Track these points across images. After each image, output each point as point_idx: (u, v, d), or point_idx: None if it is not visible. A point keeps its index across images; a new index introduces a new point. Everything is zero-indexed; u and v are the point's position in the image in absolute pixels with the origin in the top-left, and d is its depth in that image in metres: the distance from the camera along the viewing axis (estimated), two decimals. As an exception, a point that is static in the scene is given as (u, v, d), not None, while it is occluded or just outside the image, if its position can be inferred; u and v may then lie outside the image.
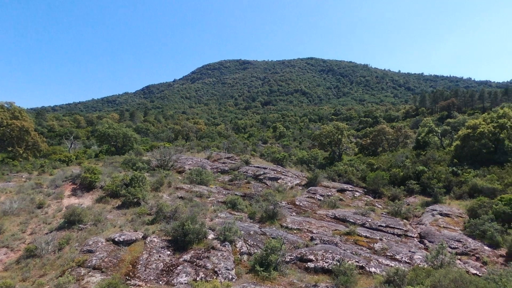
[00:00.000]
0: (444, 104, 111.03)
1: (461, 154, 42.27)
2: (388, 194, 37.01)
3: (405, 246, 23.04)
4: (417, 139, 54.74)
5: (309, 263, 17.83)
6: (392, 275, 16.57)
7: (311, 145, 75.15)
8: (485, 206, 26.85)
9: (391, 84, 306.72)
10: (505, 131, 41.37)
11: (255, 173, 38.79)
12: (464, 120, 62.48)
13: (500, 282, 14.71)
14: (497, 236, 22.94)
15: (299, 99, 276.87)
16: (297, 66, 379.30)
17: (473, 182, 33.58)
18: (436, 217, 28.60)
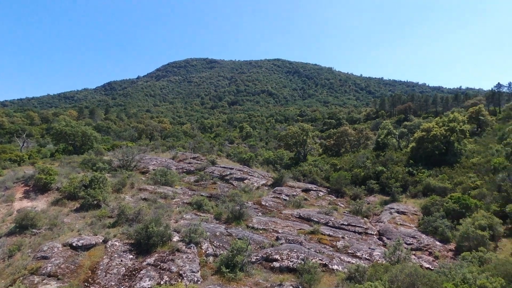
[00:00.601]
0: (401, 107, 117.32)
1: (416, 155, 44.96)
2: (350, 194, 38.47)
3: (366, 243, 24.11)
4: (377, 140, 57.42)
5: (274, 262, 18.08)
6: (353, 271, 17.30)
7: (277, 146, 76.10)
8: (437, 204, 28.78)
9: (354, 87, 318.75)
10: (454, 134, 44.62)
11: (221, 174, 38.61)
12: (419, 123, 66.44)
13: (450, 274, 15.89)
14: (447, 232, 24.70)
15: (266, 100, 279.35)
16: (264, 67, 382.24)
17: (426, 182, 35.83)
18: (393, 215, 30.21)
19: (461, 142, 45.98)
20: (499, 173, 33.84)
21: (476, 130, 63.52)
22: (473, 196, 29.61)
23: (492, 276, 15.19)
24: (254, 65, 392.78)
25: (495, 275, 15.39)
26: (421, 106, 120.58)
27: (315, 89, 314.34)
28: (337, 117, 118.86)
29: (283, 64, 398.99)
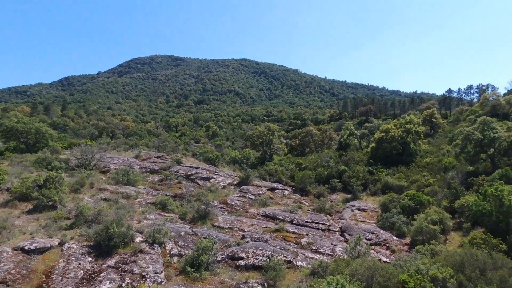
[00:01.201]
0: (363, 109, 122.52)
1: (376, 155, 47.21)
2: (314, 192, 39.51)
3: (328, 239, 24.90)
4: (340, 141, 59.54)
5: (240, 261, 18.12)
6: (316, 267, 17.82)
7: (243, 145, 76.34)
8: (394, 201, 30.42)
9: (318, 89, 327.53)
10: (410, 135, 47.42)
11: (187, 173, 37.99)
12: (379, 124, 69.78)
13: (405, 266, 16.86)
14: (403, 227, 26.19)
15: (233, 99, 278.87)
16: (231, 67, 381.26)
17: (385, 180, 37.75)
18: (354, 212, 31.49)
19: (416, 143, 48.97)
20: (449, 172, 36.53)
21: (429, 131, 67.92)
22: (426, 193, 31.62)
23: (442, 267, 16.34)
24: (221, 64, 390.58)
25: (445, 265, 16.56)
26: (380, 108, 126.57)
27: (281, 90, 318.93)
28: (302, 118, 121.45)
29: (250, 64, 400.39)
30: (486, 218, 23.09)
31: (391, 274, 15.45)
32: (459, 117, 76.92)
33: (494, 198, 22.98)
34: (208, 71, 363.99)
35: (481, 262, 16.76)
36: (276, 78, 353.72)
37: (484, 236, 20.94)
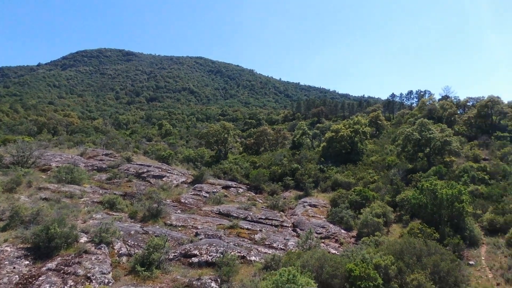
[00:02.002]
0: (315, 111, 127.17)
1: (326, 154, 49.29)
2: (268, 190, 40.18)
3: (281, 235, 25.50)
4: (293, 140, 61.20)
5: (193, 258, 17.85)
6: (269, 261, 18.16)
7: (198, 144, 75.12)
8: (343, 197, 32.06)
9: (273, 90, 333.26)
10: (358, 136, 50.25)
11: (137, 171, 36.48)
12: (329, 125, 73.01)
13: (352, 256, 17.88)
14: (351, 220, 27.70)
15: (187, 98, 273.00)
16: (186, 64, 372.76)
17: (335, 178, 39.57)
18: (306, 208, 32.61)
19: (363, 142, 52.03)
20: (392, 169, 39.37)
21: (375, 132, 72.55)
22: (372, 189, 33.77)
23: (384, 255, 17.59)
24: (176, 61, 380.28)
25: (387, 254, 17.85)
26: (331, 110, 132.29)
27: (237, 90, 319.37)
28: (257, 118, 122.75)
29: (205, 63, 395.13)
30: (422, 210, 25.30)
31: (339, 263, 16.28)
32: (400, 119, 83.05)
33: (429, 192, 25.27)
34: (162, 67, 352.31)
35: (417, 250, 18.33)
36: (232, 77, 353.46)
37: (420, 227, 22.93)
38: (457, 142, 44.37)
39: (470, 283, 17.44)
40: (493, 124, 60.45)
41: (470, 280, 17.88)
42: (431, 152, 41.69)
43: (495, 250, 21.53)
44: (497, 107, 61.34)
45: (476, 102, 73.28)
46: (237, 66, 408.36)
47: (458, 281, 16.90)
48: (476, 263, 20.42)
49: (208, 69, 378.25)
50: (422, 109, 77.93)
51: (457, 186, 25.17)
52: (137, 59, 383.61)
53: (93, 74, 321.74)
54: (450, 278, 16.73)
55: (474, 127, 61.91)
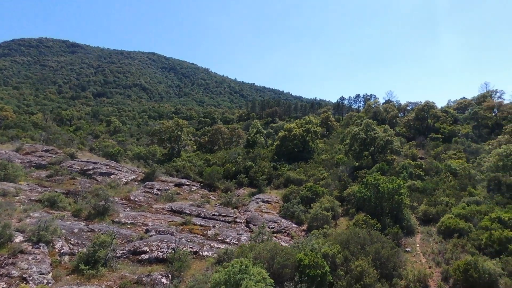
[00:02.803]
0: (269, 111, 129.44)
1: (280, 152, 50.47)
2: (222, 187, 40.12)
3: (234, 230, 25.61)
4: (248, 139, 61.73)
5: (143, 255, 17.27)
6: (222, 255, 18.19)
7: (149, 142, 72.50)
8: (294, 193, 33.10)
9: (228, 90, 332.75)
10: (310, 135, 52.15)
11: (82, 168, 34.27)
12: (283, 125, 74.79)
13: (301, 247, 18.56)
14: (302, 215, 28.69)
15: (139, 94, 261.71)
16: (137, 59, 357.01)
17: (287, 175, 40.66)
18: (259, 204, 33.11)
19: (314, 141, 54.12)
20: (340, 167, 41.47)
21: (325, 133, 75.82)
22: (322, 185, 35.25)
23: (332, 245, 18.55)
24: (126, 56, 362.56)
25: (334, 244, 18.85)
26: (285, 111, 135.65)
27: (191, 88, 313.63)
28: (212, 117, 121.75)
29: (158, 59, 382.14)
30: (367, 203, 27.05)
31: (289, 254, 16.84)
32: (349, 121, 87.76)
33: (373, 186, 27.09)
34: (111, 62, 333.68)
35: (362, 239, 19.58)
36: (186, 75, 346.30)
37: (364, 218, 24.50)
38: (397, 142, 48.11)
39: (407, 267, 19.03)
40: (429, 126, 66.40)
41: (407, 264, 19.51)
42: (375, 151, 44.69)
43: (428, 237, 23.73)
44: (432, 111, 67.53)
45: (415, 106, 79.99)
46: (192, 64, 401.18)
47: (396, 266, 18.38)
48: (412, 249, 22.34)
49: (161, 66, 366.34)
50: (368, 112, 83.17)
51: (397, 181, 27.26)
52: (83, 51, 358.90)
53: (31, 65, 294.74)
54: (389, 264, 18.13)
55: (412, 128, 67.53)
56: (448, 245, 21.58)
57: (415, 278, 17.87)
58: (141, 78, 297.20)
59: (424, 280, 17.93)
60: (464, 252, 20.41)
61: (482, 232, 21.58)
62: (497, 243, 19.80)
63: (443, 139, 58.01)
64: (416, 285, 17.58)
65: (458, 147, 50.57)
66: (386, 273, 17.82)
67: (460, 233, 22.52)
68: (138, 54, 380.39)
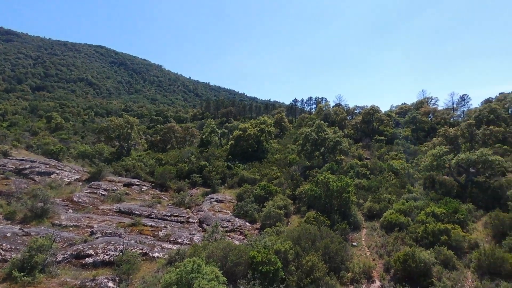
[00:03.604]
0: (224, 111, 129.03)
1: (234, 152, 50.47)
2: (174, 187, 39.06)
3: (187, 230, 25.09)
4: (202, 138, 60.86)
5: (87, 258, 16.20)
6: (174, 256, 17.72)
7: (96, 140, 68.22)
8: (248, 192, 33.32)
9: (182, 88, 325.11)
10: (264, 135, 52.86)
11: (17, 167, 31.21)
12: (238, 125, 74.86)
13: (255, 245, 18.72)
14: (255, 214, 28.96)
15: (84, 90, 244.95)
16: (83, 52, 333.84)
17: (241, 174, 40.80)
18: (213, 203, 32.80)
19: (268, 141, 54.97)
20: (292, 166, 42.62)
21: (279, 133, 77.39)
22: (275, 184, 35.90)
23: (284, 241, 18.97)
24: (71, 48, 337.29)
25: (286, 240, 19.30)
26: (240, 111, 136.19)
27: (143, 85, 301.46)
28: (164, 115, 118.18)
29: (107, 53, 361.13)
30: (317, 201, 28.09)
31: (242, 252, 16.89)
32: (301, 122, 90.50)
33: (323, 185, 28.21)
34: (53, 53, 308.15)
35: (312, 235, 20.29)
36: (138, 71, 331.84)
37: (315, 215, 25.42)
38: (346, 143, 50.67)
39: (353, 260, 20.12)
40: (374, 129, 70.88)
41: (353, 258, 20.63)
42: (325, 151, 46.62)
43: (372, 232, 25.31)
44: (377, 115, 72.19)
45: (362, 110, 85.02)
46: (144, 60, 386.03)
47: (343, 260, 19.34)
48: (358, 243, 23.66)
49: (110, 60, 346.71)
50: (319, 114, 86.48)
51: (345, 179, 28.69)
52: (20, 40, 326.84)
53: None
54: (337, 258, 19.03)
55: (359, 131, 71.61)
56: (390, 239, 23.21)
57: (360, 270, 18.97)
58: (87, 72, 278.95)
59: (369, 272, 19.10)
60: (403, 244, 22.10)
61: (418, 225, 23.55)
62: (431, 235, 21.74)
63: (386, 141, 62.31)
64: (361, 277, 18.67)
65: (399, 148, 54.65)
66: (335, 266, 18.69)
67: (400, 227, 24.34)
68: (84, 46, 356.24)
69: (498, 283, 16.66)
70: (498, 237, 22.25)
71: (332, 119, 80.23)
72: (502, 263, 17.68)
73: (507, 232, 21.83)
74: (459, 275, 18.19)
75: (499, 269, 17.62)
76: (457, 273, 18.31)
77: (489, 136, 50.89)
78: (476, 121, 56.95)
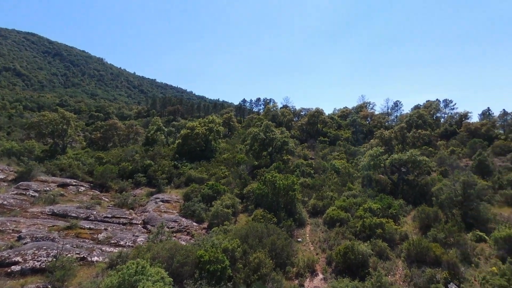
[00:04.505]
0: (171, 109, 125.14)
1: (181, 151, 49.25)
2: (116, 187, 36.95)
3: (130, 232, 23.90)
4: (147, 136, 58.36)
5: (14, 266, 14.62)
6: (115, 259, 16.79)
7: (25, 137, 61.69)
8: (196, 191, 32.77)
9: (126, 84, 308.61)
10: (212, 134, 52.40)
11: None
12: (185, 123, 73.21)
13: (202, 244, 18.51)
14: (203, 213, 28.57)
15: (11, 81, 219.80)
16: (11, 39, 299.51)
17: (189, 174, 39.96)
18: (158, 204, 31.65)
19: (217, 141, 54.61)
20: (241, 165, 42.86)
21: (227, 133, 77.35)
22: (223, 184, 35.80)
23: (232, 240, 19.01)
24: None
25: (234, 238, 19.36)
26: (188, 110, 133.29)
27: (82, 79, 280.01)
28: (106, 111, 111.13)
29: (40, 41, 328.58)
30: (264, 199, 28.62)
31: (189, 252, 16.59)
32: (250, 122, 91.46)
33: (270, 183, 28.82)
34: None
35: (259, 232, 20.63)
36: (76, 64, 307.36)
37: (262, 213, 25.88)
38: (292, 143, 52.43)
39: (298, 255, 20.88)
40: (318, 130, 74.30)
41: (298, 253, 21.41)
42: (273, 151, 47.69)
43: (316, 228, 26.52)
44: (321, 117, 75.81)
45: (307, 112, 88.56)
46: (83, 51, 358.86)
47: (289, 255, 19.97)
48: (303, 239, 24.61)
49: (43, 50, 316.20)
50: (267, 115, 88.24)
51: (291, 178, 29.65)
52: None
53: None
54: (283, 253, 19.59)
55: (305, 132, 74.55)
56: (332, 233, 24.52)
57: (305, 265, 19.76)
58: (15, 61, 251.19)
59: (312, 266, 19.97)
60: (344, 238, 23.49)
61: (357, 220, 25.23)
62: (368, 228, 23.43)
63: (330, 142, 65.74)
64: (305, 271, 19.45)
65: (340, 149, 58.00)
66: (281, 262, 19.21)
67: (341, 222, 25.84)
68: (12, 32, 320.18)
69: (424, 270, 18.53)
70: (424, 229, 24.74)
71: (279, 120, 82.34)
72: (427, 252, 19.69)
73: (431, 224, 24.39)
74: (392, 264, 19.87)
75: (425, 257, 19.61)
76: (390, 263, 19.98)
77: (417, 138, 56.37)
78: (407, 125, 62.74)
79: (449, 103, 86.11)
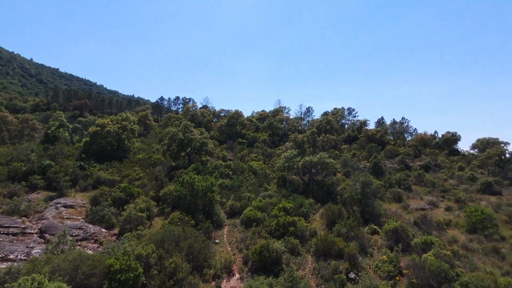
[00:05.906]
0: (77, 103, 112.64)
1: (89, 150, 44.82)
2: (5, 192, 31.67)
3: (22, 244, 20.80)
4: (47, 132, 51.46)
5: None
6: (3, 276, 14.43)
7: None
8: (105, 195, 30.15)
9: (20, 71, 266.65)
10: (126, 132, 48.97)
11: None
12: (94, 120, 66.88)
13: (112, 252, 17.16)
14: (113, 218, 26.47)
15: None
16: None
17: (97, 175, 36.58)
18: (60, 209, 28.18)
19: (131, 140, 51.24)
20: (157, 166, 41.06)
21: (143, 132, 73.21)
22: (137, 186, 33.77)
23: (146, 245, 18.07)
24: None
25: (149, 244, 18.43)
26: (97, 105, 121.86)
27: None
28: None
29: None
30: (182, 201, 27.95)
31: (97, 261, 15.25)
32: (168, 121, 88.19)
33: (188, 185, 28.29)
34: None
35: (176, 236, 20.09)
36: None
37: (180, 216, 25.22)
38: (212, 144, 52.26)
39: (215, 257, 20.92)
40: (237, 132, 75.72)
41: (216, 255, 21.44)
42: (191, 151, 46.84)
43: (233, 228, 26.96)
44: (240, 119, 77.48)
45: (227, 113, 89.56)
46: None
47: (207, 257, 19.87)
48: (220, 240, 24.74)
49: None
50: (187, 114, 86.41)
51: (210, 179, 29.56)
52: None
53: None
54: (201, 256, 19.41)
55: (224, 133, 75.16)
56: (249, 233, 25.23)
57: (222, 266, 19.91)
58: None
59: (229, 266, 20.23)
60: (260, 237, 24.40)
61: (272, 219, 26.48)
62: (282, 227, 24.79)
63: (248, 143, 67.58)
64: (223, 272, 19.60)
65: (258, 151, 60.13)
66: (198, 265, 18.99)
67: (257, 222, 26.79)
68: None
69: (329, 262, 20.45)
70: (330, 225, 27.29)
71: (199, 120, 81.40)
72: (332, 246, 21.78)
73: (336, 221, 27.04)
74: (302, 259, 21.41)
75: (330, 251, 21.64)
76: (301, 258, 21.50)
77: (326, 142, 61.90)
78: (318, 129, 68.42)
79: (352, 111, 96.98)
